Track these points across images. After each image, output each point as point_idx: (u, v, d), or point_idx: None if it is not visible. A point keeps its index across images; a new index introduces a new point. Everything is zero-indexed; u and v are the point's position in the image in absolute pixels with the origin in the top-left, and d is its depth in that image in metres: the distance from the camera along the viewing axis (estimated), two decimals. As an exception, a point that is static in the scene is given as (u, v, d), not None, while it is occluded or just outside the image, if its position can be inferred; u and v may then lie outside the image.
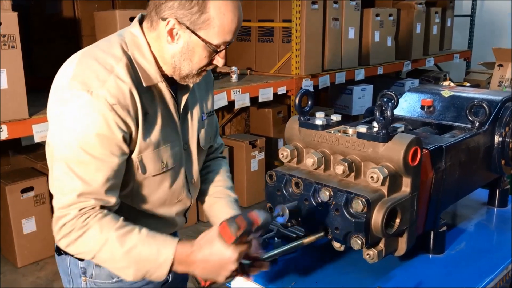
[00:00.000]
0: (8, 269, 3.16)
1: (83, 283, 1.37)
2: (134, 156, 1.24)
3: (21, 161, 3.61)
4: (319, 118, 1.41)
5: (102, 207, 1.19)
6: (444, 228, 1.53)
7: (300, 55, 3.91)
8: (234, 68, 3.77)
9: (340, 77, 4.33)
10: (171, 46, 1.22)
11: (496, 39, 6.29)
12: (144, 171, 1.27)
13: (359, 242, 1.24)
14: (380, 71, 4.77)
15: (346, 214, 1.25)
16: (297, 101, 1.42)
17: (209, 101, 1.49)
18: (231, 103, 3.57)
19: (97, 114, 1.14)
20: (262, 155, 4.14)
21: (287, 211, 1.28)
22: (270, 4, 4.04)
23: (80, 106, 1.14)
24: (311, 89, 4.03)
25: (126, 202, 1.30)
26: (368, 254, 1.30)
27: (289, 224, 1.42)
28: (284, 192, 1.38)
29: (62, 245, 1.21)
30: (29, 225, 3.13)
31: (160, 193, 1.34)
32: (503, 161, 1.66)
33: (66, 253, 1.35)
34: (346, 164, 1.29)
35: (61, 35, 3.51)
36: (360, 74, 4.54)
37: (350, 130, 1.38)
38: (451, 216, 1.81)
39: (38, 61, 3.49)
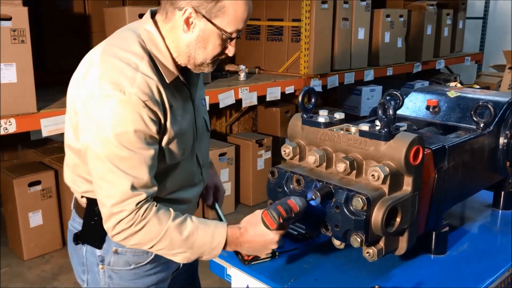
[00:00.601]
0: (14, 262, 3.19)
1: (101, 271, 1.40)
2: (163, 145, 1.29)
3: (30, 155, 3.65)
4: (322, 116, 1.42)
5: (151, 197, 1.26)
6: (447, 228, 1.52)
7: (309, 54, 3.91)
8: (242, 67, 3.77)
9: (349, 78, 4.31)
10: (186, 35, 1.27)
11: (508, 42, 6.23)
12: (171, 159, 1.33)
13: (359, 240, 1.24)
14: (389, 72, 4.75)
15: (346, 211, 1.25)
16: (300, 98, 1.42)
17: (202, 89, 1.57)
18: (239, 102, 3.57)
19: (133, 111, 1.19)
20: (269, 154, 4.14)
21: (319, 194, 1.28)
22: (280, 4, 4.04)
23: (115, 105, 1.19)
24: (320, 89, 4.03)
25: None
26: (368, 252, 1.30)
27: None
28: (285, 188, 1.39)
29: (117, 239, 1.26)
30: (35, 219, 3.16)
31: (179, 178, 1.40)
32: (508, 163, 1.65)
33: (83, 243, 1.40)
34: (348, 162, 1.29)
35: (71, 31, 3.53)
36: (369, 75, 4.52)
37: (353, 128, 1.38)
38: (455, 217, 1.80)
39: (48, 56, 3.53)
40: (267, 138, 4.14)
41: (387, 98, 1.25)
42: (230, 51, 1.32)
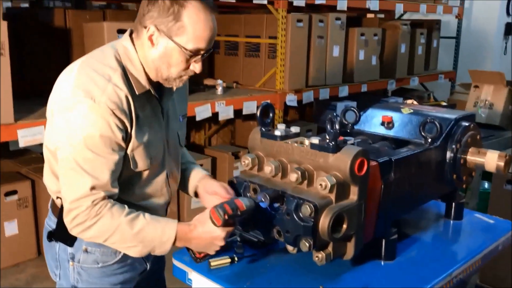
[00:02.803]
0: (-11, 271, 3.22)
1: (71, 268, 1.52)
2: (128, 153, 1.41)
3: (8, 165, 3.68)
4: (279, 130, 1.52)
5: (109, 197, 1.37)
6: (395, 236, 1.62)
7: (285, 70, 4.03)
8: (219, 81, 3.88)
9: (324, 93, 4.44)
10: (151, 51, 1.40)
11: (480, 61, 6.45)
12: (135, 166, 1.44)
13: (307, 244, 1.33)
14: (364, 88, 4.89)
15: (296, 218, 1.34)
16: (258, 113, 1.53)
17: (184, 105, 1.68)
18: (216, 115, 3.67)
19: (100, 118, 1.31)
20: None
21: (268, 197, 1.38)
22: (257, 21, 4.16)
23: (84, 111, 1.31)
24: (295, 104, 4.15)
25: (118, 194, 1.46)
26: (317, 257, 1.40)
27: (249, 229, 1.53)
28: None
29: (74, 232, 1.39)
30: (11, 228, 3.20)
31: (145, 186, 1.51)
32: (454, 176, 1.77)
33: (56, 240, 1.52)
34: (300, 172, 1.39)
35: (51, 43, 3.60)
36: (344, 91, 4.66)
37: (306, 141, 1.48)
38: (409, 226, 1.90)
39: (29, 68, 3.59)
40: (244, 150, 4.24)
41: (334, 114, 1.36)
42: (196, 68, 1.43)
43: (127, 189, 1.46)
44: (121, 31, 2.88)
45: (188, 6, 1.34)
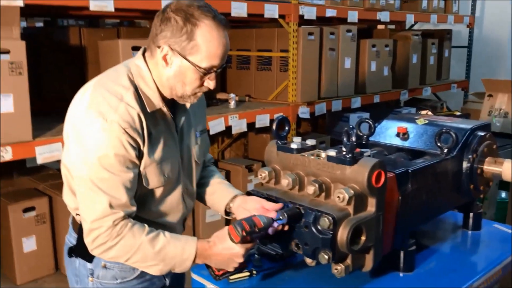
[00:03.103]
0: (7, 287, 3.25)
1: (90, 283, 1.54)
2: (140, 170, 1.42)
3: (25, 182, 3.74)
4: (295, 143, 1.53)
5: (128, 216, 1.38)
6: (414, 247, 1.62)
7: (297, 83, 4.05)
8: (232, 95, 3.91)
9: (337, 105, 4.45)
10: (166, 70, 1.41)
11: (493, 70, 6.42)
12: (147, 183, 1.45)
13: (326, 257, 1.34)
14: (376, 99, 4.90)
15: (314, 230, 1.35)
16: (274, 127, 1.54)
17: (201, 121, 1.69)
18: (229, 129, 3.70)
19: (113, 137, 1.33)
20: (258, 179, 4.24)
21: (286, 215, 1.39)
22: (269, 35, 4.20)
23: (97, 131, 1.33)
24: (308, 116, 4.16)
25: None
26: (336, 269, 1.40)
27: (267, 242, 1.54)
28: (261, 210, 1.49)
29: (96, 253, 1.40)
30: (29, 244, 3.23)
31: (160, 203, 1.52)
32: (471, 186, 1.76)
33: (76, 256, 1.54)
34: (317, 185, 1.40)
35: (67, 62, 3.67)
36: (356, 102, 4.66)
37: (323, 154, 1.49)
38: (427, 237, 1.89)
39: (46, 86, 3.66)
40: (257, 163, 4.25)
41: (351, 126, 1.37)
42: (210, 84, 1.45)
43: (143, 207, 1.47)
44: (135, 48, 2.93)
45: (201, 25, 1.36)
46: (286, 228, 1.40)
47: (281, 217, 1.38)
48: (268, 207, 1.44)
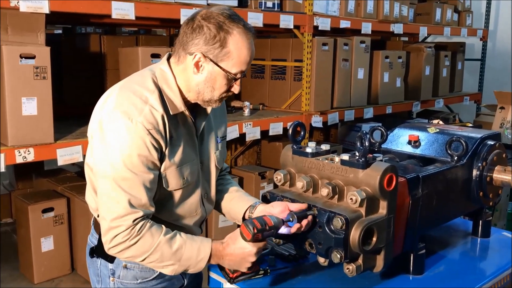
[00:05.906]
0: (25, 285, 3.33)
1: (111, 283, 1.58)
2: (160, 171, 1.47)
3: (44, 184, 3.84)
4: (310, 147, 1.60)
5: (147, 216, 1.43)
6: (423, 251, 1.67)
7: (310, 92, 4.12)
8: (247, 103, 3.99)
9: (349, 115, 4.51)
10: (196, 76, 1.47)
11: (506, 82, 6.43)
12: (167, 185, 1.50)
13: (339, 256, 1.40)
14: (389, 110, 4.94)
15: (327, 230, 1.41)
16: (290, 131, 1.61)
17: (222, 127, 1.74)
18: (243, 136, 3.77)
19: (137, 137, 1.39)
20: (271, 186, 4.30)
21: (296, 217, 1.45)
22: (283, 45, 4.28)
23: (122, 131, 1.38)
24: (320, 125, 4.22)
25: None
26: (348, 268, 1.45)
27: (280, 242, 1.60)
28: (276, 211, 1.55)
29: (112, 252, 1.43)
30: (47, 244, 3.32)
31: (179, 205, 1.57)
32: (481, 193, 1.81)
33: (98, 256, 1.58)
34: (330, 187, 1.46)
35: (88, 68, 3.78)
36: (369, 113, 4.71)
37: (336, 158, 1.55)
38: (436, 243, 1.94)
39: (67, 91, 3.77)
40: (270, 171, 4.32)
41: (364, 132, 1.43)
42: (236, 89, 1.52)
43: (162, 208, 1.52)
44: (154, 56, 3.02)
45: (233, 32, 1.43)
46: (304, 227, 1.45)
47: (291, 219, 1.44)
48: (293, 208, 1.48)
